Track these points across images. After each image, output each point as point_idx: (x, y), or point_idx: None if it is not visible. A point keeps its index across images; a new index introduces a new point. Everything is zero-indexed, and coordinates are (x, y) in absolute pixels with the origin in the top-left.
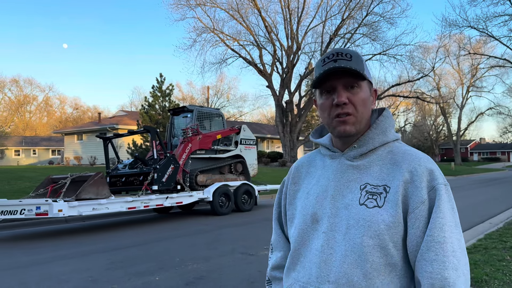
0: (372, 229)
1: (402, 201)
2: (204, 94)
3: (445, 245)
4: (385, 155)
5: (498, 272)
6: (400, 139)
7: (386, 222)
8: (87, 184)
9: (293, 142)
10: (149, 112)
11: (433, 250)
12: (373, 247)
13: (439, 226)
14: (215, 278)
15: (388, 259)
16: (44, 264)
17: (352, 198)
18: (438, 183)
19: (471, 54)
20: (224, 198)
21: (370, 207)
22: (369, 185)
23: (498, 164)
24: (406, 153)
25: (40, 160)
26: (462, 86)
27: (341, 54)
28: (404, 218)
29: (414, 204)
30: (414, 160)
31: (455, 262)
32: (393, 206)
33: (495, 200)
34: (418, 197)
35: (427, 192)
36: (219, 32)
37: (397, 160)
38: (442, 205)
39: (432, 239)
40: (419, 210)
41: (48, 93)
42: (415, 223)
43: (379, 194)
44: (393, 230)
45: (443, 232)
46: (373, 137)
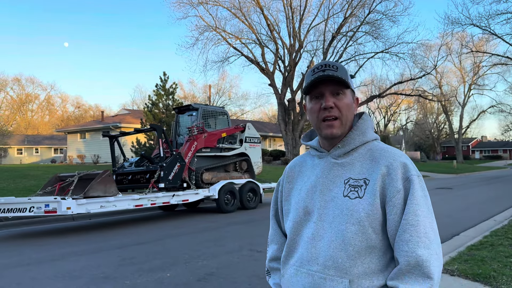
0: (354, 217)
1: (380, 191)
2: (206, 93)
3: (418, 227)
4: (365, 153)
5: (506, 268)
6: (378, 139)
7: (366, 210)
8: (95, 182)
9: (295, 140)
10: (153, 111)
11: (408, 232)
12: (355, 233)
13: (413, 211)
14: (225, 274)
15: (368, 242)
16: (55, 261)
17: (337, 191)
18: (412, 174)
19: (473, 52)
20: (230, 196)
21: (352, 198)
22: (351, 179)
23: (500, 162)
24: (383, 150)
25: (43, 158)
26: (464, 84)
27: (328, 66)
28: (382, 206)
29: (391, 193)
30: (390, 156)
31: (427, 242)
32: (371, 196)
33: (498, 198)
34: (394, 187)
35: (402, 183)
36: (221, 30)
37: (375, 156)
38: (416, 193)
39: (407, 223)
40: (395, 199)
41: (50, 91)
42: (392, 210)
43: (360, 186)
44: (372, 217)
45: (416, 217)
46: (354, 137)
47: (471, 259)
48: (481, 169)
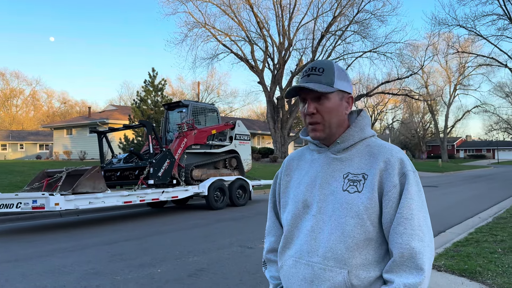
0: (353, 210)
1: (378, 186)
2: (194, 90)
3: (412, 221)
4: (363, 149)
5: (491, 263)
6: (376, 135)
7: (364, 204)
8: (84, 178)
9: (284, 138)
10: (141, 107)
11: (402, 225)
12: (354, 225)
13: (407, 205)
14: (216, 270)
15: (366, 234)
16: (44, 257)
17: (337, 185)
18: (408, 170)
19: (459, 52)
20: (219, 193)
21: (351, 192)
22: (350, 174)
23: (483, 161)
24: (381, 147)
25: (28, 154)
26: (449, 84)
27: (314, 69)
28: (379, 200)
29: (388, 188)
30: (388, 152)
31: (420, 235)
32: (370, 190)
33: (482, 196)
34: (391, 182)
35: (399, 178)
36: (211, 27)
37: (373, 152)
38: (410, 188)
39: (401, 216)
40: (391, 193)
41: (35, 86)
42: (388, 203)
43: (359, 181)
44: (370, 210)
45: (410, 210)
46: (353, 134)
47: (457, 255)
48: (465, 168)
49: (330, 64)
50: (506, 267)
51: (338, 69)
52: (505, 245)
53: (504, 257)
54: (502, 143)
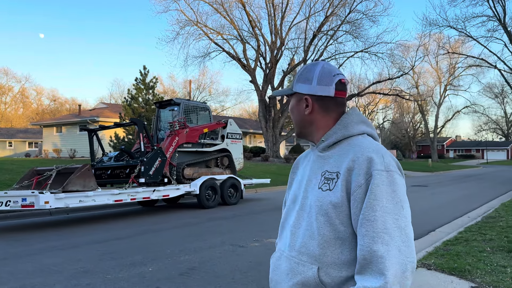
0: (323, 208)
1: (346, 185)
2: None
3: (375, 223)
4: (344, 147)
5: (480, 262)
6: (367, 133)
7: (333, 202)
8: (74, 176)
9: (276, 137)
10: (132, 105)
11: (364, 227)
12: (323, 223)
13: (370, 206)
14: (207, 269)
15: (336, 233)
16: (33, 255)
17: (315, 183)
18: (375, 169)
19: (450, 53)
20: (211, 192)
21: (324, 190)
22: (327, 172)
23: (473, 161)
24: (357, 145)
25: (17, 152)
26: (440, 85)
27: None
28: (348, 200)
29: (354, 188)
30: (359, 150)
31: (386, 238)
32: (339, 189)
33: (471, 196)
34: (357, 182)
35: (365, 178)
36: (203, 25)
37: (350, 150)
38: (375, 188)
39: (364, 217)
40: (357, 193)
41: (24, 84)
42: (354, 204)
43: (332, 179)
44: (338, 209)
45: (373, 212)
46: (336, 131)
47: (447, 254)
48: (455, 168)
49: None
50: (495, 265)
51: (303, 71)
52: (493, 244)
53: (493, 256)
54: (491, 143)
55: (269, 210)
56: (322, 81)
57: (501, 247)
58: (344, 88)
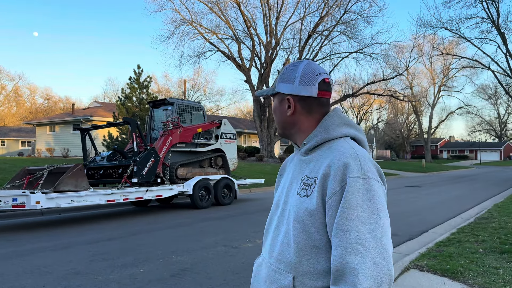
0: (299, 215)
1: (321, 192)
2: (181, 87)
3: (348, 233)
4: (324, 151)
5: (472, 263)
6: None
7: (309, 209)
8: (66, 175)
9: (270, 137)
10: (126, 104)
11: (337, 237)
12: (299, 231)
13: (344, 215)
14: (199, 270)
15: (312, 242)
16: (24, 256)
17: (295, 188)
18: (350, 176)
19: (444, 54)
20: (204, 192)
21: (302, 196)
22: (306, 177)
23: (466, 162)
24: (336, 149)
25: (9, 151)
26: (434, 86)
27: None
28: (324, 207)
29: (329, 195)
30: (337, 155)
31: (359, 249)
32: (315, 196)
33: (464, 197)
34: (331, 189)
35: (340, 185)
36: (198, 24)
37: (328, 155)
38: (349, 197)
39: (337, 227)
40: (331, 201)
41: (18, 82)
42: (328, 212)
43: (310, 185)
44: (314, 217)
45: (347, 221)
46: (316, 134)
47: (439, 255)
48: (448, 169)
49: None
50: (487, 267)
51: (286, 69)
52: (486, 245)
53: (485, 257)
54: (484, 144)
55: (263, 210)
56: (305, 81)
57: (493, 249)
58: (328, 88)
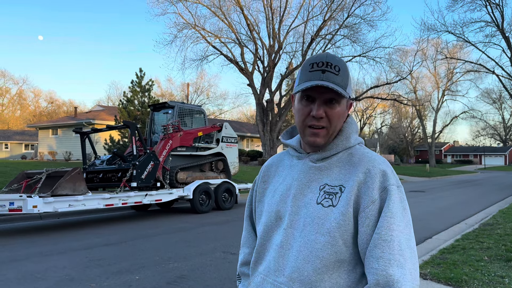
0: (324, 227)
1: (354, 200)
2: (184, 91)
3: (391, 243)
4: (344, 158)
5: (477, 272)
6: (363, 143)
7: (337, 220)
8: (64, 179)
9: (273, 141)
10: (128, 108)
11: (379, 248)
12: (324, 244)
13: (387, 225)
14: (196, 277)
15: (337, 255)
16: (18, 261)
17: (312, 197)
18: (390, 184)
19: (448, 58)
20: (205, 196)
21: (325, 206)
22: (327, 186)
23: (470, 167)
24: (363, 156)
25: (13, 154)
26: (438, 90)
27: (330, 65)
28: (354, 216)
29: (365, 203)
30: (369, 162)
31: (401, 260)
32: (345, 205)
33: (469, 202)
34: (369, 196)
35: (379, 193)
36: (201, 28)
37: (354, 162)
38: (392, 205)
39: (379, 237)
40: (369, 209)
41: (22, 86)
42: (365, 221)
43: (335, 194)
44: (343, 228)
45: (390, 231)
46: (338, 143)
47: (443, 263)
48: (453, 173)
49: (343, 63)
50: (493, 275)
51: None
52: (491, 252)
53: (490, 265)
54: (489, 149)
55: None
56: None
57: (498, 256)
58: None
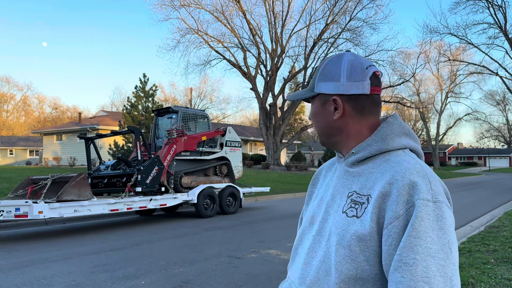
0: (345, 239)
1: (377, 214)
2: (187, 96)
3: (414, 268)
4: (379, 164)
5: (484, 275)
6: (413, 148)
7: (358, 233)
8: (69, 185)
9: (277, 145)
10: (132, 113)
11: (399, 272)
12: (343, 257)
13: (410, 246)
14: (202, 282)
15: (359, 272)
16: (24, 267)
17: (340, 204)
18: (419, 198)
19: (451, 60)
20: (209, 200)
21: (349, 216)
22: (355, 194)
23: (475, 169)
24: (397, 163)
25: (17, 160)
26: (441, 92)
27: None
28: (379, 232)
29: (389, 219)
30: (399, 170)
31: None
32: (369, 218)
33: (474, 204)
34: (393, 211)
35: (405, 207)
36: (203, 33)
37: (386, 169)
38: (418, 223)
39: (400, 259)
40: (392, 226)
41: (26, 92)
42: (387, 239)
43: (361, 204)
44: (364, 243)
45: (414, 254)
46: (370, 143)
47: None
48: (457, 175)
49: (324, 62)
50: (499, 278)
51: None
52: (497, 255)
53: (497, 268)
54: (493, 151)
55: (268, 219)
56: (353, 76)
57: (505, 259)
58: (379, 82)
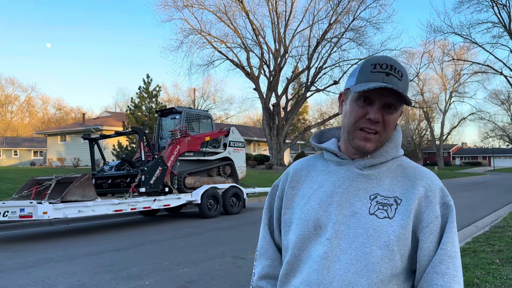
0: (382, 240)
1: (414, 215)
2: (190, 96)
3: (455, 259)
4: (395, 168)
5: (489, 275)
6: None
7: (397, 233)
8: (73, 185)
9: (280, 145)
10: (136, 113)
11: (444, 264)
12: (381, 258)
13: (452, 241)
14: (206, 282)
15: (393, 270)
16: (29, 268)
17: (361, 207)
18: (449, 200)
19: (455, 60)
20: (213, 201)
21: (380, 217)
22: (379, 196)
23: (479, 169)
24: (417, 169)
25: (22, 161)
26: (445, 92)
27: (394, 69)
28: (413, 231)
29: (429, 218)
30: (427, 177)
31: (460, 277)
32: (404, 218)
33: (478, 204)
34: (433, 212)
35: (440, 208)
36: (207, 34)
37: (408, 174)
38: (454, 221)
39: (445, 253)
40: (433, 225)
41: (31, 93)
42: (428, 237)
43: (390, 205)
44: (402, 242)
45: (454, 247)
46: (388, 150)
47: None
48: (462, 175)
49: (405, 70)
50: (505, 278)
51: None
52: (503, 255)
53: (502, 268)
54: (498, 150)
55: None
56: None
57: (510, 259)
58: None
